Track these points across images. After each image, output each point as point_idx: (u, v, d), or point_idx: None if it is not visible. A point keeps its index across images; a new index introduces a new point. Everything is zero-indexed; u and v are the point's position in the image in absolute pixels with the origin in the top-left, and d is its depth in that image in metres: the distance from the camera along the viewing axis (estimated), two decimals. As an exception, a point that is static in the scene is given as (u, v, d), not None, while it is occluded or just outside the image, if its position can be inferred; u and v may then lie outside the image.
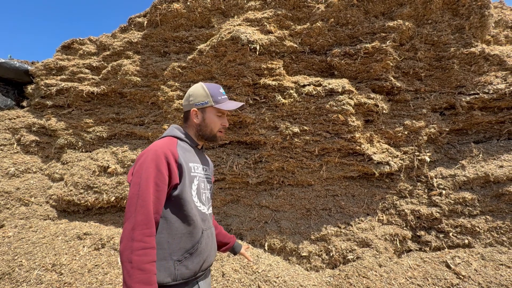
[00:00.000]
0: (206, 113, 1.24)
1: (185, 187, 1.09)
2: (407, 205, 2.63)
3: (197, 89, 1.26)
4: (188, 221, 1.09)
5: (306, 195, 2.89)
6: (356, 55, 2.60)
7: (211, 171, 1.40)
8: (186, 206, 1.08)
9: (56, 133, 3.54)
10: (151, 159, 1.03)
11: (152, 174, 1.00)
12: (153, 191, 0.99)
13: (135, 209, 0.96)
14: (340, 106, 2.49)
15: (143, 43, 3.41)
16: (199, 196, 1.17)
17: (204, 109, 1.24)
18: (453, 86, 2.67)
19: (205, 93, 1.24)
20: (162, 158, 1.03)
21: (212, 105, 1.22)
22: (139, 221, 0.94)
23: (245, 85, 2.74)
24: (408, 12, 2.55)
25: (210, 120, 1.24)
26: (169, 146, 1.10)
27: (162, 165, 1.02)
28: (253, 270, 2.52)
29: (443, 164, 2.70)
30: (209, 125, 1.24)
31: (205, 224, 1.18)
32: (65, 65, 3.59)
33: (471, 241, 2.41)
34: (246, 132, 2.93)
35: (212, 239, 1.23)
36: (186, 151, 1.17)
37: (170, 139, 1.17)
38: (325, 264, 2.58)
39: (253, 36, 2.59)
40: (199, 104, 1.24)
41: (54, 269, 2.59)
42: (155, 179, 1.00)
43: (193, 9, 3.07)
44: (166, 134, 1.23)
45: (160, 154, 1.04)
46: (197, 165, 1.20)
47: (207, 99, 1.23)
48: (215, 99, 1.23)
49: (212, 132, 1.25)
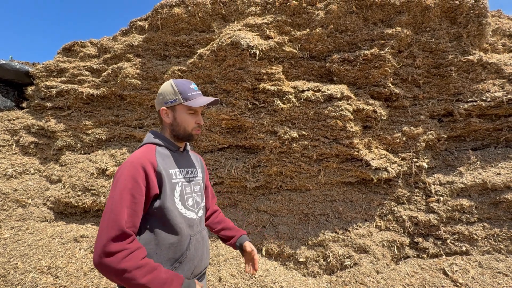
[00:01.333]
0: (176, 112, 1.17)
1: (166, 196, 1.05)
2: (405, 212, 2.63)
3: (165, 86, 1.20)
4: (174, 230, 1.06)
5: (304, 200, 2.89)
6: (355, 61, 2.62)
7: (201, 171, 1.35)
8: (169, 215, 1.05)
9: (55, 134, 3.54)
10: (128, 171, 0.99)
11: (128, 186, 0.96)
12: (129, 204, 0.94)
13: (106, 225, 0.90)
14: (338, 112, 2.50)
15: (144, 46, 3.43)
16: (184, 202, 1.13)
17: (174, 107, 1.17)
18: (451, 93, 2.68)
19: (173, 90, 1.16)
20: (139, 169, 0.99)
21: (182, 103, 1.15)
22: (113, 236, 0.88)
23: (244, 89, 2.75)
24: (407, 20, 2.57)
25: (181, 118, 1.17)
26: (147, 155, 1.06)
27: (139, 176, 0.98)
28: (250, 276, 2.51)
29: (441, 171, 2.71)
30: (181, 124, 1.17)
31: (193, 230, 1.15)
32: (66, 67, 3.61)
33: (469, 249, 2.40)
34: (245, 136, 2.93)
35: (203, 243, 1.20)
36: (165, 157, 1.13)
37: (148, 147, 1.13)
38: (323, 270, 2.57)
39: (253, 41, 2.61)
40: (168, 103, 1.17)
41: (50, 272, 2.57)
42: (131, 191, 0.96)
43: (194, 13, 3.09)
44: (144, 142, 1.19)
45: (137, 165, 1.00)
46: (178, 171, 1.15)
47: (176, 96, 1.16)
48: (184, 96, 1.15)
49: (185, 131, 1.18)
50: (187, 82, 1.20)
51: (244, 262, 1.38)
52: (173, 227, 1.05)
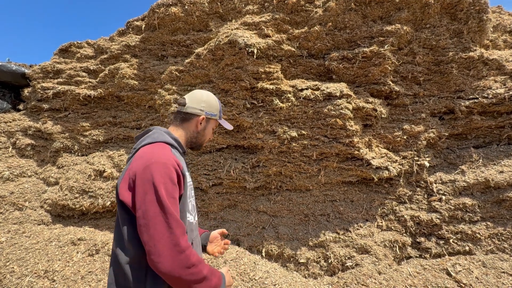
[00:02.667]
0: (209, 125, 1.26)
1: (186, 198, 1.05)
2: (407, 211, 2.59)
3: (211, 99, 1.26)
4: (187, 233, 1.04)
5: (304, 200, 2.85)
6: (354, 59, 2.59)
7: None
8: (184, 218, 1.03)
9: (52, 136, 3.51)
10: (163, 173, 0.93)
11: (169, 189, 0.92)
12: (175, 208, 0.92)
13: (167, 225, 0.87)
14: (338, 111, 2.46)
15: (141, 46, 3.40)
16: (190, 206, 1.13)
17: (210, 120, 1.26)
18: (452, 90, 2.65)
19: (217, 106, 1.28)
20: (173, 170, 0.96)
21: (217, 119, 1.27)
22: (180, 233, 0.88)
23: (242, 88, 2.72)
24: (406, 17, 2.54)
25: (208, 132, 1.27)
26: (171, 155, 1.02)
27: (175, 178, 0.96)
28: (250, 277, 2.47)
29: (442, 169, 2.67)
30: (205, 136, 1.26)
31: (193, 234, 1.13)
32: (62, 68, 3.57)
33: (472, 248, 2.36)
34: (244, 136, 2.90)
35: (199, 248, 1.20)
36: (179, 159, 1.10)
37: (165, 147, 1.07)
38: (324, 271, 2.53)
39: (250, 40, 2.58)
40: (209, 114, 1.24)
41: (47, 275, 2.53)
42: (172, 194, 0.93)
43: (191, 12, 3.06)
44: (156, 140, 1.10)
45: (170, 167, 0.96)
46: (187, 173, 1.15)
47: (217, 112, 1.27)
48: (220, 115, 1.30)
49: (202, 142, 1.27)
50: (220, 103, 1.34)
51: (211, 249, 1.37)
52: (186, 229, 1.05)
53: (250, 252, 2.84)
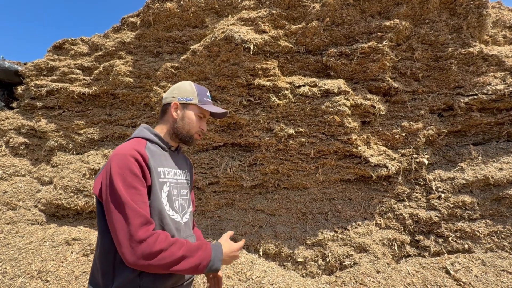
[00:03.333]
0: (187, 110, 1.15)
1: (154, 193, 0.98)
2: (405, 209, 2.56)
3: (183, 84, 1.19)
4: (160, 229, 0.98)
5: (302, 198, 2.81)
6: (352, 55, 2.55)
7: (189, 175, 1.30)
8: (159, 214, 0.98)
9: (46, 135, 3.45)
10: (122, 164, 0.92)
11: (128, 180, 0.90)
12: (135, 197, 0.89)
13: (124, 218, 0.85)
14: (336, 107, 2.42)
15: (136, 43, 3.34)
16: (171, 203, 1.06)
17: (187, 105, 1.15)
18: (451, 87, 2.61)
19: (192, 90, 1.17)
20: (132, 160, 0.93)
21: (197, 104, 1.14)
22: (138, 224, 0.85)
23: (239, 85, 2.67)
24: (405, 12, 2.50)
25: (190, 119, 1.15)
26: (137, 147, 0.99)
27: (135, 168, 0.93)
28: (247, 277, 2.43)
29: (441, 167, 2.64)
30: (187, 124, 1.14)
31: (180, 234, 1.06)
32: (56, 66, 3.51)
33: (471, 246, 2.33)
34: (240, 134, 2.86)
35: None
36: (155, 155, 1.06)
37: (138, 141, 1.06)
38: (321, 270, 2.50)
39: (247, 35, 2.53)
40: (182, 99, 1.15)
41: (40, 276, 2.49)
42: (132, 183, 0.90)
43: (186, 8, 3.00)
44: (134, 135, 1.12)
45: (128, 156, 0.93)
46: (168, 170, 1.10)
47: (193, 96, 1.15)
48: (200, 99, 1.16)
49: (189, 132, 1.15)
50: (204, 88, 1.23)
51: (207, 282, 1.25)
52: (158, 227, 0.98)
53: (248, 251, 2.81)
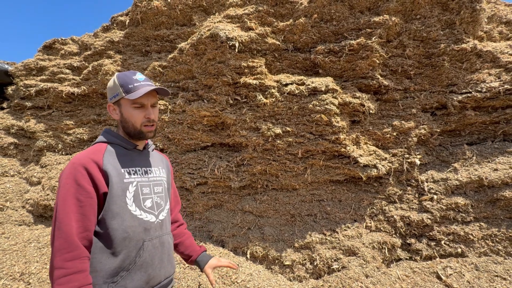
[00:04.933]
0: (122, 107, 1.08)
1: (112, 197, 0.97)
2: (397, 211, 2.47)
3: (110, 81, 1.12)
4: (121, 234, 0.97)
5: (290, 200, 2.74)
6: (341, 52, 2.47)
7: (165, 171, 1.27)
8: (117, 218, 0.96)
9: (35, 135, 3.43)
10: (67, 174, 0.93)
11: (71, 190, 0.90)
12: (75, 209, 0.89)
13: (53, 234, 0.88)
14: (323, 106, 2.35)
15: (125, 42, 3.31)
16: (139, 203, 1.04)
17: (118, 102, 1.08)
18: (444, 84, 2.52)
19: (114, 84, 1.07)
20: (80, 169, 0.93)
21: (123, 96, 1.05)
22: (58, 246, 0.85)
23: (225, 84, 2.61)
24: (395, 7, 2.42)
25: (127, 113, 1.07)
26: (91, 154, 0.98)
27: (81, 178, 0.92)
28: (232, 280, 2.37)
29: (434, 167, 2.55)
30: (128, 120, 1.07)
31: (150, 234, 1.04)
32: (46, 65, 3.49)
33: (465, 250, 2.24)
34: (228, 134, 2.80)
35: (162, 249, 1.09)
36: (118, 156, 1.05)
37: (97, 146, 1.05)
38: (309, 274, 2.42)
39: (232, 33, 2.47)
40: (112, 98, 1.09)
41: (22, 278, 2.45)
42: (75, 195, 0.90)
43: (173, 6, 2.96)
44: (96, 141, 1.11)
45: (78, 166, 0.93)
46: (135, 169, 1.08)
47: (117, 90, 1.06)
48: (125, 89, 1.05)
49: (134, 127, 1.08)
50: (131, 72, 1.11)
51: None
52: (119, 231, 0.96)
53: (235, 253, 2.74)
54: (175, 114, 2.91)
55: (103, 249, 0.95)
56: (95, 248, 0.95)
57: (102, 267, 0.94)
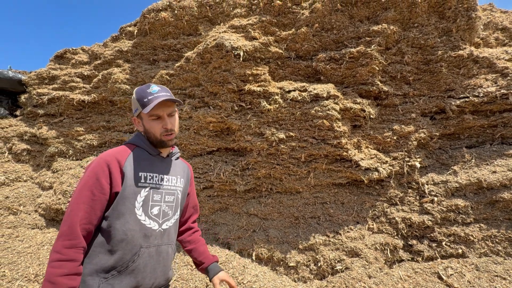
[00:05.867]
0: (143, 120, 1.15)
1: (123, 198, 1.02)
2: (398, 213, 2.54)
3: (133, 96, 1.18)
4: (121, 235, 1.00)
5: (294, 202, 2.82)
6: (341, 60, 2.57)
7: (184, 181, 1.28)
8: (121, 219, 1.01)
9: (47, 141, 3.56)
10: (92, 167, 1.01)
11: (89, 183, 0.98)
12: (87, 200, 0.96)
13: (64, 219, 0.95)
14: (325, 112, 2.44)
15: (133, 51, 3.44)
16: (146, 209, 1.07)
17: (140, 116, 1.16)
18: (442, 89, 2.60)
19: (134, 100, 1.15)
20: (103, 165, 1.00)
21: (141, 111, 1.12)
22: (62, 232, 0.92)
23: (230, 91, 2.72)
24: (393, 16, 2.52)
25: (148, 126, 1.13)
26: (117, 153, 1.06)
27: (101, 173, 0.99)
28: (238, 281, 2.44)
29: (434, 170, 2.61)
30: (149, 131, 1.14)
31: (148, 241, 1.06)
32: (57, 74, 3.64)
33: (465, 251, 2.29)
34: (233, 139, 2.89)
35: (158, 259, 1.09)
36: (141, 160, 1.11)
37: (125, 146, 1.13)
38: (313, 275, 2.48)
39: (237, 42, 2.58)
40: (135, 112, 1.17)
41: (37, 279, 2.54)
42: (91, 187, 0.97)
43: (180, 17, 3.09)
44: (126, 142, 1.19)
45: (102, 162, 1.01)
46: (152, 175, 1.12)
47: (136, 105, 1.14)
48: (142, 103, 1.11)
49: (155, 137, 1.14)
50: (146, 86, 1.15)
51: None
52: (121, 232, 1.00)
53: (241, 255, 2.81)
54: (182, 120, 3.02)
55: (103, 244, 1.00)
56: (96, 241, 1.00)
57: (98, 261, 0.98)
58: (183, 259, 2.78)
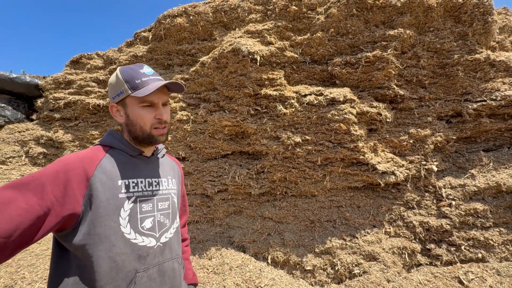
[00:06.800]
0: (127, 107, 0.90)
1: (99, 218, 0.78)
2: (415, 217, 2.53)
3: (111, 77, 0.93)
4: (108, 264, 0.77)
5: (309, 206, 2.82)
6: (357, 64, 2.59)
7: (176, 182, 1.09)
8: (104, 243, 0.77)
9: (63, 145, 3.61)
10: (48, 168, 0.75)
11: (30, 185, 0.69)
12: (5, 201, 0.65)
13: None
14: (342, 115, 2.46)
15: (148, 56, 3.50)
16: (135, 224, 0.85)
17: (123, 101, 0.90)
18: (458, 93, 2.60)
19: (118, 80, 0.90)
20: (60, 173, 0.74)
21: (129, 94, 0.87)
22: None
23: (246, 95, 2.75)
24: (409, 21, 2.53)
25: (134, 114, 0.89)
26: (83, 159, 0.80)
27: (52, 180, 0.72)
28: (256, 285, 2.44)
29: (451, 174, 2.61)
30: (135, 122, 0.89)
31: (145, 262, 0.85)
32: (73, 79, 3.70)
33: (485, 255, 2.28)
34: (248, 143, 2.91)
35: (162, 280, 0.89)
36: (119, 164, 0.88)
37: (96, 149, 0.89)
38: (330, 279, 2.48)
39: (253, 47, 2.62)
40: (115, 97, 0.91)
41: (56, 282, 2.58)
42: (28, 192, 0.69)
43: (195, 23, 3.14)
44: (97, 143, 0.94)
45: (60, 167, 0.75)
46: (134, 182, 0.89)
47: (122, 87, 0.88)
48: (131, 85, 0.87)
49: (143, 131, 0.90)
50: (138, 65, 0.93)
51: None
52: (103, 259, 0.77)
53: (256, 259, 2.82)
54: (197, 124, 3.05)
55: (78, 285, 0.76)
56: (65, 285, 0.76)
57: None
58: (199, 262, 2.79)
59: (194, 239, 3.06)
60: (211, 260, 2.79)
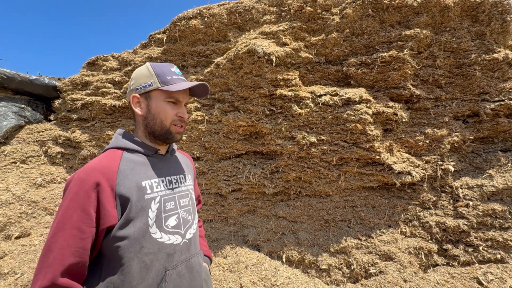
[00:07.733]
0: (151, 100, 0.92)
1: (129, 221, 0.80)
2: (432, 217, 2.52)
3: (139, 70, 0.97)
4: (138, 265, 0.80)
5: (324, 206, 2.84)
6: (372, 64, 2.59)
7: (190, 177, 1.11)
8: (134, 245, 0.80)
9: (80, 144, 3.70)
10: (74, 193, 0.76)
11: (74, 217, 0.74)
12: (73, 242, 0.73)
13: (40, 267, 0.71)
14: (357, 116, 2.47)
15: (162, 58, 3.56)
16: (161, 223, 0.87)
17: (149, 94, 0.93)
18: (475, 93, 2.59)
19: (148, 72, 0.93)
20: (89, 191, 0.76)
21: (158, 87, 0.90)
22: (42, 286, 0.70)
23: (261, 96, 2.78)
24: (425, 21, 2.53)
25: (157, 108, 0.92)
26: (104, 169, 0.81)
27: (88, 202, 0.76)
28: (272, 283, 2.47)
29: (468, 174, 2.59)
30: (157, 115, 0.92)
31: (173, 260, 0.87)
32: (90, 81, 3.79)
33: (504, 256, 2.26)
34: (263, 143, 2.95)
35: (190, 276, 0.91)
36: (136, 165, 0.89)
37: (111, 154, 0.89)
38: (346, 278, 2.49)
39: (269, 48, 2.65)
40: (140, 88, 0.93)
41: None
42: (78, 223, 0.74)
43: (210, 24, 3.19)
44: (108, 146, 0.94)
45: (86, 185, 0.77)
46: (156, 181, 0.90)
47: (151, 79, 0.92)
48: (162, 79, 0.91)
49: (163, 125, 0.92)
50: (168, 64, 0.97)
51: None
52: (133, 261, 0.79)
53: (271, 257, 2.85)
54: (211, 124, 3.10)
55: (117, 283, 0.79)
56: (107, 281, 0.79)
57: None
58: (214, 260, 2.83)
59: (208, 237, 3.10)
60: (226, 258, 2.83)
